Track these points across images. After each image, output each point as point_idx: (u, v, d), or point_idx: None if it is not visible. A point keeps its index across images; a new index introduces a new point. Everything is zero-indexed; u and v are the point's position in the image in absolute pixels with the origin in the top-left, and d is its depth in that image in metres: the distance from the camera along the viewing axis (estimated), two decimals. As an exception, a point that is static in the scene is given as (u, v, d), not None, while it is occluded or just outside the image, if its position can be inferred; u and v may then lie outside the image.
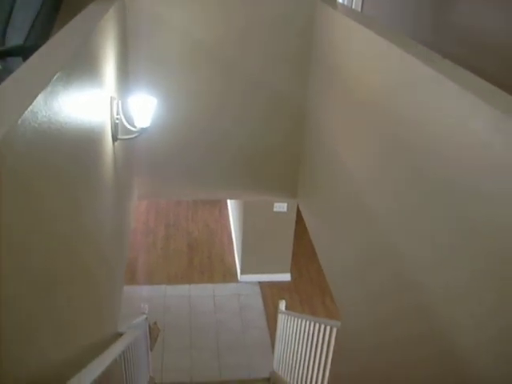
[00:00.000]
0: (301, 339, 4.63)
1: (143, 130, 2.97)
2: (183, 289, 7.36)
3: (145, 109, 2.90)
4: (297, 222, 7.48)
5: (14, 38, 3.10)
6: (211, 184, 4.19)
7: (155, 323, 5.80)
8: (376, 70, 2.58)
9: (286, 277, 7.65)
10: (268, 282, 7.59)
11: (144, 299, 6.34)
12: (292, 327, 5.02)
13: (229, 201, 9.29)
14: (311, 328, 4.25)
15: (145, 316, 5.33)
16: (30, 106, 1.29)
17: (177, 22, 3.58)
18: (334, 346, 3.54)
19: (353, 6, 5.59)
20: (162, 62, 3.68)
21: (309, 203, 3.97)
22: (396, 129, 2.31)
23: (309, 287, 7.50)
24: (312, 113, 3.78)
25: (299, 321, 4.70)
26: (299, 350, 4.69)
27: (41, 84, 1.45)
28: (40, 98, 1.37)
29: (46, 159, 1.48)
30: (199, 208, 9.25)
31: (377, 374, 2.57)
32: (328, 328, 3.76)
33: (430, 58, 2.12)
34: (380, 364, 2.52)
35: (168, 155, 4.02)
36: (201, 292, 7.34)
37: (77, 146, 1.95)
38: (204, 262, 7.93)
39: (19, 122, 1.21)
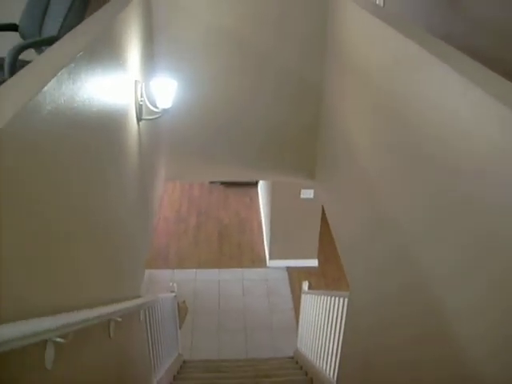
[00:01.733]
0: (319, 315, 4.86)
1: (165, 110, 3.22)
2: (213, 273, 7.63)
3: (166, 91, 3.15)
4: (323, 211, 7.68)
5: (49, 29, 3.38)
6: (233, 165, 4.42)
7: (184, 302, 6.09)
8: (378, 53, 2.79)
9: (314, 262, 7.86)
10: (295, 267, 7.82)
11: (174, 281, 6.62)
12: (313, 305, 5.25)
13: (259, 189, 9.53)
14: (327, 302, 4.47)
15: (173, 294, 5.60)
16: (53, 80, 1.53)
17: (197, 6, 3.82)
18: (346, 318, 3.75)
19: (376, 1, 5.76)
20: (183, 45, 3.92)
21: (325, 184, 4.18)
22: (406, 113, 2.51)
23: (335, 272, 7.69)
24: (328, 96, 3.98)
25: (318, 297, 4.92)
26: (318, 325, 4.91)
27: (64, 62, 1.68)
28: (63, 73, 1.61)
29: (68, 129, 1.72)
30: (230, 197, 9.51)
31: (382, 346, 2.77)
32: (341, 300, 3.97)
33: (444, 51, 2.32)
34: (385, 336, 2.72)
35: (194, 137, 4.27)
36: (230, 276, 7.60)
37: (101, 122, 2.21)
38: (233, 248, 8.18)
39: (44, 91, 1.44)
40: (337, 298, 4.16)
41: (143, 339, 3.59)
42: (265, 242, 8.22)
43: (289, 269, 7.80)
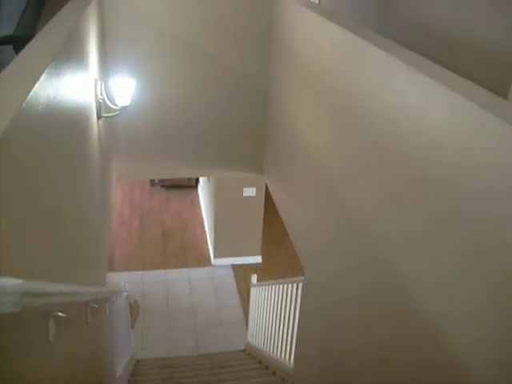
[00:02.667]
0: (272, 304, 5.04)
1: (124, 108, 3.34)
2: (159, 274, 7.71)
3: (125, 89, 3.27)
4: (266, 208, 7.91)
5: (3, 30, 3.43)
6: (185, 162, 4.57)
7: (135, 301, 6.16)
8: (319, 48, 3.00)
9: (257, 259, 8.06)
10: (240, 264, 7.99)
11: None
12: (263, 296, 5.43)
13: (200, 190, 9.67)
14: (280, 290, 4.67)
15: (125, 293, 5.67)
16: (32, 91, 1.54)
17: (151, 11, 3.95)
18: (301, 301, 3.95)
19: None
20: (138, 47, 4.04)
21: (274, 176, 4.38)
22: (347, 101, 2.73)
23: (279, 268, 7.92)
24: (275, 91, 4.19)
25: (269, 288, 5.11)
26: (271, 315, 5.09)
27: (37, 72, 1.69)
28: (38, 83, 1.61)
29: (47, 135, 1.79)
30: (171, 199, 9.61)
31: (340, 326, 2.98)
32: (295, 285, 4.17)
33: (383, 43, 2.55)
34: (343, 315, 2.92)
35: (144, 136, 4.38)
36: (176, 276, 7.70)
37: (70, 120, 2.32)
38: (178, 249, 8.29)
39: (24, 105, 1.43)
40: (290, 285, 4.36)
41: (109, 332, 3.68)
42: (208, 241, 8.36)
43: (234, 266, 7.97)
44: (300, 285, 4.00)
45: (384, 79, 2.29)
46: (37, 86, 1.59)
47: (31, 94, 1.53)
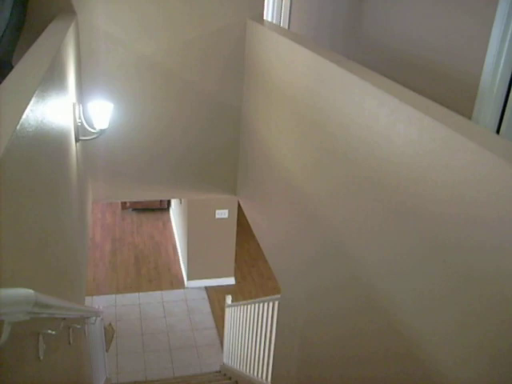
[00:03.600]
0: (247, 324, 5.08)
1: (102, 131, 3.39)
2: (133, 297, 7.70)
3: (103, 112, 3.33)
4: (238, 230, 7.99)
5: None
6: (160, 185, 4.62)
7: (110, 324, 6.14)
8: (291, 71, 3.11)
9: (231, 280, 8.10)
10: (214, 286, 8.02)
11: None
12: (239, 316, 5.47)
13: (171, 213, 9.69)
14: (255, 310, 4.72)
15: (100, 317, 5.65)
16: (24, 114, 1.59)
17: (126, 36, 4.02)
18: (277, 319, 4.00)
19: (281, 24, 6.18)
20: (114, 71, 4.10)
21: (249, 197, 4.45)
22: (319, 124, 2.83)
23: (252, 289, 7.97)
24: (248, 115, 4.28)
25: (244, 308, 5.15)
26: (247, 335, 5.13)
27: (25, 99, 1.73)
28: (27, 111, 1.65)
29: (35, 157, 1.83)
30: (143, 222, 9.62)
31: (318, 342, 3.05)
32: (270, 304, 4.23)
33: (345, 62, 2.66)
34: (321, 332, 2.99)
35: (119, 159, 4.43)
36: (150, 299, 7.70)
37: (55, 146, 2.37)
38: (151, 272, 8.29)
39: (18, 127, 1.48)
40: (265, 304, 4.41)
41: (87, 355, 3.69)
42: (181, 264, 8.38)
43: (207, 288, 8.00)
44: (276, 303, 4.05)
45: (354, 101, 2.39)
46: (28, 109, 1.65)
47: (24, 116, 1.58)
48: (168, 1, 4.01)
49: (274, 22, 6.53)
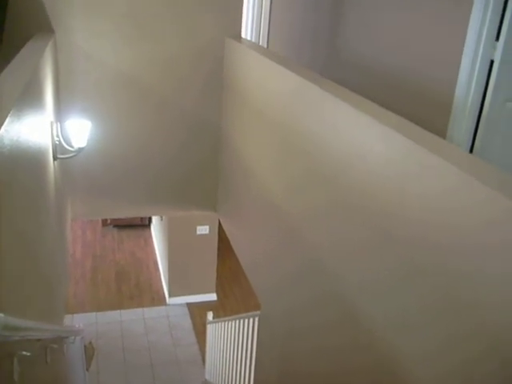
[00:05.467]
0: (229, 340, 5.07)
1: (80, 149, 3.39)
2: (114, 315, 7.64)
3: (81, 131, 3.33)
4: (219, 246, 7.98)
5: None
6: (140, 202, 4.61)
7: (90, 343, 6.07)
8: (269, 89, 3.14)
9: (212, 296, 8.07)
10: (195, 302, 7.99)
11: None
12: (220, 332, 5.46)
13: (153, 229, 9.66)
14: (236, 326, 4.71)
15: (80, 336, 5.60)
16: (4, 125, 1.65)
17: (104, 54, 4.04)
18: (258, 334, 4.00)
19: (260, 42, 6.23)
20: (92, 89, 4.11)
21: (228, 213, 4.46)
22: (296, 141, 2.86)
23: (234, 305, 7.95)
24: (227, 131, 4.31)
25: (226, 324, 5.15)
26: (229, 351, 5.12)
27: (2, 115, 1.74)
28: (1, 131, 1.64)
29: (11, 176, 1.84)
30: (124, 239, 9.57)
31: (297, 355, 3.05)
32: (251, 320, 4.23)
33: (318, 80, 2.70)
34: (300, 345, 3.00)
35: (99, 176, 4.42)
36: (131, 316, 7.64)
37: (31, 165, 2.37)
38: (132, 289, 8.24)
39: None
40: (246, 320, 4.41)
41: (67, 374, 3.66)
42: (163, 281, 8.34)
43: (189, 304, 7.96)
44: (256, 319, 4.06)
45: (329, 120, 2.42)
46: (2, 129, 1.65)
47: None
48: (147, 19, 4.03)
49: (253, 39, 6.58)
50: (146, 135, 4.37)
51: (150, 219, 9.95)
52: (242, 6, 4.21)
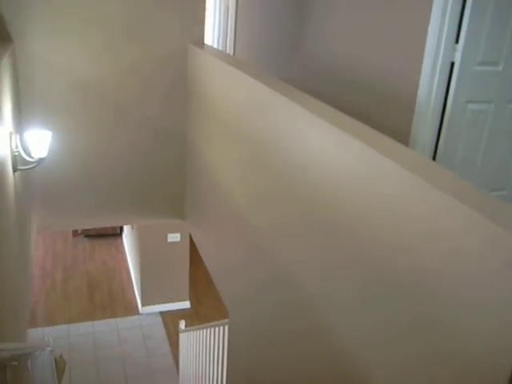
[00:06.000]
0: (201, 348, 5.03)
1: (41, 160, 3.33)
2: (86, 326, 7.54)
3: (41, 141, 3.27)
4: (191, 253, 7.93)
5: None
6: (106, 211, 4.55)
7: (61, 356, 5.97)
8: (232, 96, 3.12)
9: (186, 304, 8.01)
10: (169, 310, 7.93)
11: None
12: (192, 341, 5.41)
13: (124, 238, 9.57)
14: (208, 334, 4.67)
15: (49, 349, 5.50)
16: None
17: (64, 62, 3.98)
18: (228, 342, 3.97)
19: (227, 50, 6.22)
20: (53, 98, 4.04)
21: (197, 221, 4.42)
22: (259, 149, 2.84)
23: (208, 312, 7.90)
24: (192, 139, 4.27)
25: (198, 332, 5.10)
26: (201, 359, 5.07)
27: None
28: None
29: None
30: (96, 248, 9.47)
31: (266, 362, 3.03)
32: (221, 328, 4.20)
33: (278, 85, 2.68)
34: (268, 352, 2.98)
35: (63, 187, 4.35)
36: (104, 327, 7.55)
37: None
38: (105, 299, 8.15)
39: None
40: (217, 328, 4.38)
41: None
42: (135, 290, 8.26)
43: (162, 313, 7.90)
44: (226, 327, 4.02)
45: (291, 127, 2.40)
46: None
47: None
48: (109, 26, 3.98)
49: (220, 46, 6.57)
50: (109, 144, 4.31)
51: (121, 228, 9.86)
52: (204, 12, 4.18)
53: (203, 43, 4.16)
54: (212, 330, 4.60)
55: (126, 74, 4.15)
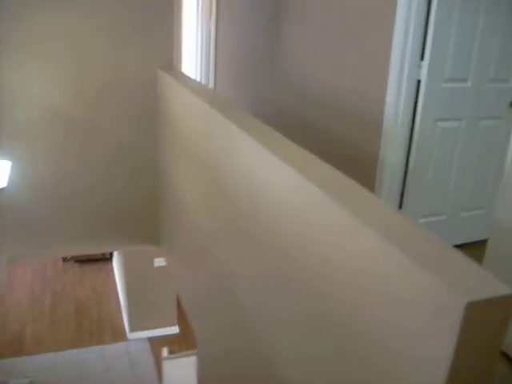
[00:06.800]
0: (185, 377, 4.91)
1: (1, 190, 3.24)
2: (73, 354, 7.40)
3: (0, 171, 3.19)
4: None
5: None
6: (81, 239, 4.45)
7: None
8: (191, 122, 3.03)
9: (174, 329, 7.88)
10: (157, 336, 7.79)
11: (33, 370, 6.38)
12: (177, 369, 5.29)
13: (114, 263, 9.46)
14: (191, 362, 4.56)
15: (29, 379, 5.40)
16: None
17: (31, 90, 3.90)
18: (197, 372, 3.85)
19: (209, 75, 6.19)
20: (16, 126, 3.96)
21: (170, 249, 4.32)
22: (216, 178, 2.75)
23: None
24: (163, 165, 4.18)
25: (182, 360, 4.99)
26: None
27: None
28: None
29: None
30: (85, 273, 9.36)
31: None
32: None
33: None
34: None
35: (33, 217, 4.25)
36: (91, 355, 7.41)
37: None
38: (93, 325, 8.02)
39: None
40: (192, 357, 4.26)
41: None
42: (124, 315, 8.14)
43: (150, 339, 7.76)
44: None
45: (241, 156, 2.31)
46: None
47: None
48: (77, 50, 3.92)
49: (203, 69, 6.53)
50: (80, 171, 4.23)
51: (111, 252, 9.76)
52: (172, 36, 4.11)
53: (171, 66, 4.08)
54: (195, 357, 4.48)
55: (97, 101, 4.07)
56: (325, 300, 1.62)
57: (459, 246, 3.58)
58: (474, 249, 3.37)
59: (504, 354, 2.25)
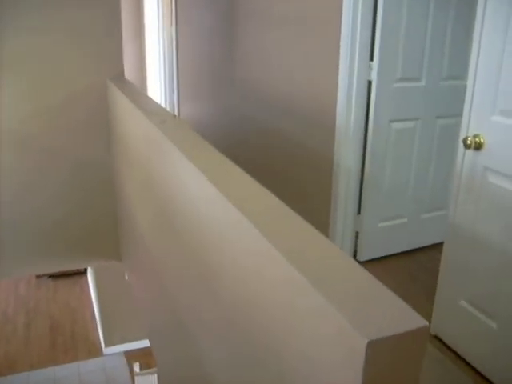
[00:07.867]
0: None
1: None
2: (47, 372, 7.24)
3: None
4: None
5: None
6: (39, 258, 4.31)
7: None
8: (135, 134, 2.91)
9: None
10: (133, 349, 7.64)
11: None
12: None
13: (89, 277, 9.30)
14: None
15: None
16: None
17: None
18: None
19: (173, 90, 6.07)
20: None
21: (129, 264, 4.20)
22: (159, 195, 2.63)
23: (174, 348, 7.63)
24: (117, 180, 4.05)
25: (150, 376, 4.86)
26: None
27: None
28: None
29: None
30: (60, 289, 9.18)
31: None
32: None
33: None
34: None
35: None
36: (65, 372, 7.25)
37: None
38: (67, 341, 7.85)
39: None
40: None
41: None
42: (99, 330, 7.98)
43: (126, 353, 7.61)
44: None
45: (178, 175, 2.19)
46: None
47: None
48: (26, 66, 3.78)
49: (167, 81, 6.44)
50: (38, 189, 4.09)
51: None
52: (121, 46, 3.99)
53: (123, 77, 3.95)
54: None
55: (49, 116, 3.95)
56: (247, 328, 1.51)
57: (422, 249, 3.49)
58: (438, 250, 3.27)
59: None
